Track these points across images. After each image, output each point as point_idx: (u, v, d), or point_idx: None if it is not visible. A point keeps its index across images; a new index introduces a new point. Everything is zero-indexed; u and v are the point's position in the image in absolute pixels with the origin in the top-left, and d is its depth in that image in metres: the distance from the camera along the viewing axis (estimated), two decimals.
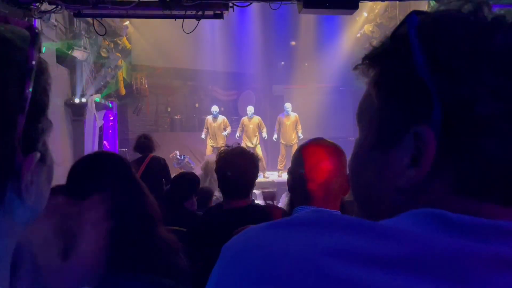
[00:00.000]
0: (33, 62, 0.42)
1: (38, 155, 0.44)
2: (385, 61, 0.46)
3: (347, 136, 12.22)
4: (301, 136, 9.78)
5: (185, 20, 4.70)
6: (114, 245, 0.95)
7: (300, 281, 0.36)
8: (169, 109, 12.11)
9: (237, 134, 9.85)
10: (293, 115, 10.04)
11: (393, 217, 0.41)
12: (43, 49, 5.60)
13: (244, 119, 9.99)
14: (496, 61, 0.40)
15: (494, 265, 0.35)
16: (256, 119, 9.97)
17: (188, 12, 4.45)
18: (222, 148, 2.18)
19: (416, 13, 0.45)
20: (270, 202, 5.83)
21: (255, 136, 9.85)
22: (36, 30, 0.43)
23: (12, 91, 0.40)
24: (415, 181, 0.44)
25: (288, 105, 10.06)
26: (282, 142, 9.97)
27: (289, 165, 1.44)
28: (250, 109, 9.93)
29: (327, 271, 0.36)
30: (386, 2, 8.81)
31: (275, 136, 10.09)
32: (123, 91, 9.95)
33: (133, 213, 1.08)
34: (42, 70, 0.44)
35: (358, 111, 0.53)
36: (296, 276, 0.36)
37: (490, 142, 0.40)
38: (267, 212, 2.05)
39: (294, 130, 9.91)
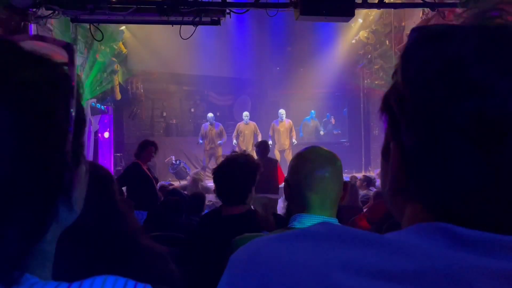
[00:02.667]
0: (74, 80, 0.44)
1: (84, 168, 0.46)
2: (393, 76, 0.48)
3: (342, 141, 12.29)
4: (295, 142, 9.84)
5: (182, 25, 4.72)
6: (95, 261, 0.96)
7: None
8: (164, 114, 12.09)
9: (234, 141, 9.86)
10: (287, 122, 10.09)
11: (400, 230, 0.42)
12: None
13: (240, 124, 10.01)
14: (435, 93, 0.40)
15: (500, 280, 0.36)
16: (252, 124, 10.00)
17: (185, 18, 4.47)
18: (221, 155, 2.19)
19: (413, 30, 0.44)
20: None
21: (251, 142, 9.88)
22: (73, 48, 0.45)
23: (61, 110, 0.42)
24: (390, 192, 0.46)
25: (282, 112, 10.10)
26: (276, 148, 10.00)
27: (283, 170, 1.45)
28: (246, 114, 9.98)
29: (339, 285, 0.37)
30: (381, 9, 8.89)
31: (270, 142, 10.13)
32: (119, 96, 9.94)
33: (108, 231, 1.08)
34: (78, 86, 0.46)
35: None
36: None
37: (446, 167, 0.41)
38: (264, 219, 2.06)
39: (288, 136, 9.96)
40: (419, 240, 0.39)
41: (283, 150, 9.92)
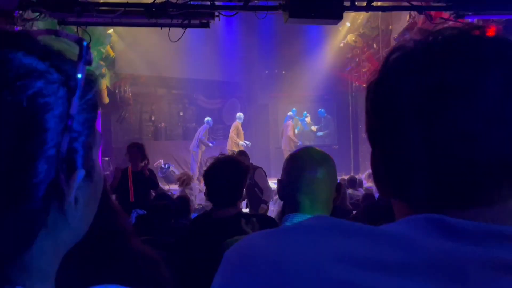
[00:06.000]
0: (81, 77, 0.41)
1: (83, 173, 0.42)
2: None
3: (331, 144, 12.35)
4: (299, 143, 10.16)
5: (171, 28, 4.70)
6: (86, 262, 0.94)
7: (309, 287, 0.37)
8: (153, 118, 12.03)
9: (243, 143, 9.92)
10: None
11: (393, 222, 0.43)
12: None
13: (238, 124, 10.07)
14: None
15: (493, 268, 0.37)
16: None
17: (174, 21, 4.46)
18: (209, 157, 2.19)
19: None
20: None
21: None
22: (85, 43, 0.42)
23: (56, 109, 0.39)
24: (380, 196, 0.51)
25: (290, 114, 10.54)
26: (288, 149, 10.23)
27: None
28: (242, 115, 10.22)
29: (335, 277, 0.37)
30: (369, 13, 8.99)
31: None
32: (106, 100, 9.86)
33: (105, 229, 1.06)
34: (91, 84, 0.43)
35: None
36: (304, 282, 0.37)
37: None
38: (257, 221, 2.05)
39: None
40: (412, 231, 0.40)
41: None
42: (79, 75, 0.41)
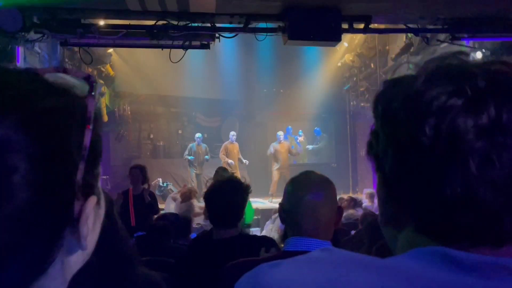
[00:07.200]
0: (92, 112, 0.44)
1: (96, 199, 0.45)
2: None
3: (329, 162, 12.36)
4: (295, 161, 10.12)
5: (172, 49, 4.76)
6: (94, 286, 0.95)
7: None
8: (151, 136, 12.04)
9: (230, 161, 9.84)
10: (286, 143, 10.33)
11: (400, 255, 0.44)
12: None
13: (227, 144, 10.05)
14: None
15: None
16: (236, 144, 10.10)
17: (175, 42, 4.52)
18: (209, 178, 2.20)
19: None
20: None
21: (237, 161, 9.99)
22: (94, 80, 0.45)
23: (74, 140, 0.42)
24: (381, 223, 0.51)
25: (280, 133, 10.33)
26: (276, 168, 10.11)
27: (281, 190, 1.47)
28: (233, 133, 10.07)
29: None
30: (366, 34, 9.10)
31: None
32: (106, 118, 9.90)
33: (112, 254, 1.06)
34: (97, 117, 0.46)
35: None
36: None
37: (422, 186, 0.45)
38: (257, 242, 2.05)
39: (287, 156, 10.21)
40: (418, 264, 0.41)
41: (286, 168, 10.10)
42: (90, 110, 0.44)
